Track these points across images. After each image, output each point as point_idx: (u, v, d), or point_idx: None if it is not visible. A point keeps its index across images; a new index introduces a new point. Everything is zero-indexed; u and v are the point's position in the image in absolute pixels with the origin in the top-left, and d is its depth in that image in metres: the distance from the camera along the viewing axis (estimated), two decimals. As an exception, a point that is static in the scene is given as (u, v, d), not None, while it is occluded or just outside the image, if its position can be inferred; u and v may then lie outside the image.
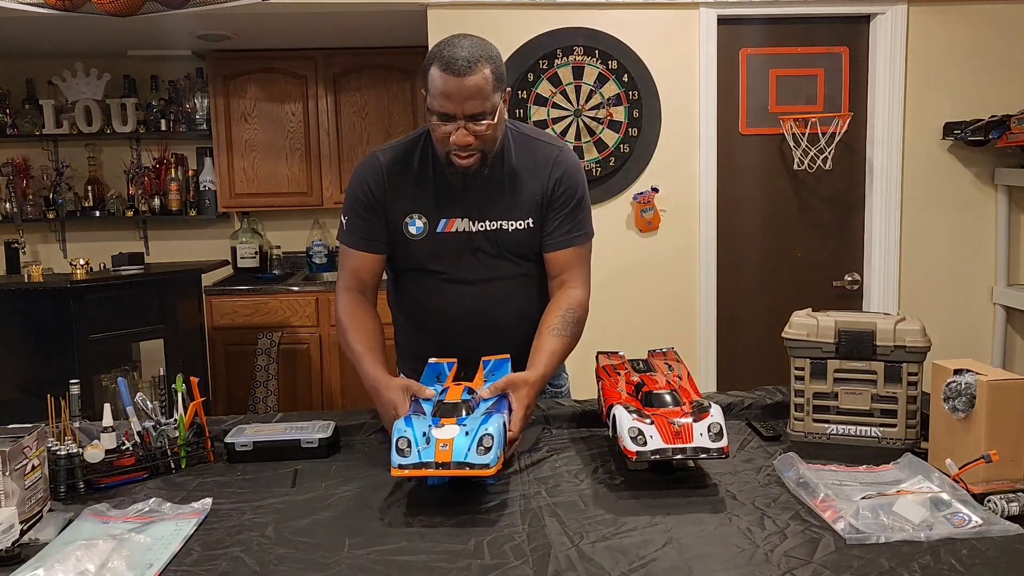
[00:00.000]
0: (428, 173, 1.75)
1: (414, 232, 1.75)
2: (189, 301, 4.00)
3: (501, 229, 1.75)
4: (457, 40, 1.60)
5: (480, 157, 1.65)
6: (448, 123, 1.61)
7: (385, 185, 1.75)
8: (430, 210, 1.74)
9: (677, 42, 3.36)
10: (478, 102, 1.58)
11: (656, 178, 3.40)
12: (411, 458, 1.26)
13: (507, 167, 1.75)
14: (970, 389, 1.33)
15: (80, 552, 1.10)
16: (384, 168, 1.77)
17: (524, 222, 1.76)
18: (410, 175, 1.75)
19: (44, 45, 4.14)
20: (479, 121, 1.60)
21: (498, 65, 1.62)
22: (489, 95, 1.59)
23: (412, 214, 1.74)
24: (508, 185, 1.75)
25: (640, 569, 1.09)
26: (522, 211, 1.76)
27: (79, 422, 1.54)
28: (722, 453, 1.32)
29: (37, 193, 4.54)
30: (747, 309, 3.54)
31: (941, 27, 3.37)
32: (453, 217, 1.74)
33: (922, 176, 3.44)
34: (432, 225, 1.74)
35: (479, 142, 1.63)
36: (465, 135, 1.60)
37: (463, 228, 1.74)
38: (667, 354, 1.73)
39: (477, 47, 1.59)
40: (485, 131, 1.62)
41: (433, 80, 1.59)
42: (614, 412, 1.41)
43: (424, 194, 1.75)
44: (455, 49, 1.57)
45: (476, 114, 1.59)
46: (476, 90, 1.57)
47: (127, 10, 2.80)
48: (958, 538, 1.14)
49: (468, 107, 1.58)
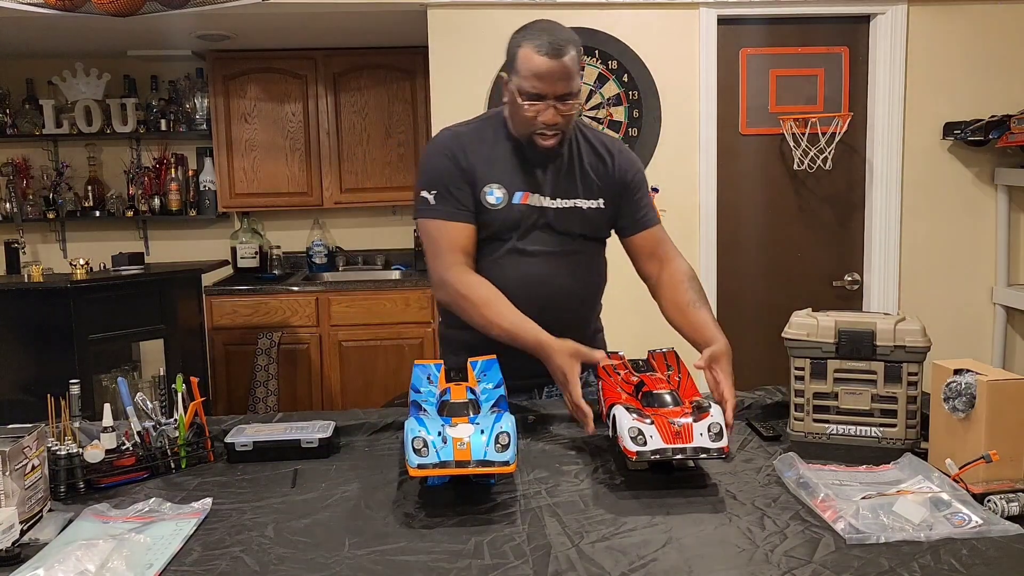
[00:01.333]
0: (503, 148, 1.81)
1: (493, 202, 1.79)
2: (189, 301, 4.00)
3: (577, 207, 1.83)
4: (547, 24, 1.73)
5: (562, 138, 1.75)
6: (538, 103, 1.69)
7: (467, 156, 1.80)
8: (507, 182, 1.79)
9: (677, 42, 3.36)
10: (568, 83, 1.68)
11: (656, 178, 3.39)
12: (429, 458, 1.25)
13: (578, 150, 1.85)
14: (970, 389, 1.33)
15: (80, 552, 1.10)
16: (463, 141, 1.82)
17: (597, 202, 1.85)
18: (487, 148, 1.81)
19: (44, 45, 4.14)
20: (567, 101, 1.69)
21: (580, 47, 1.73)
22: (575, 77, 1.69)
23: (491, 184, 1.79)
24: (578, 167, 1.84)
25: (640, 569, 1.09)
26: (594, 192, 1.84)
27: (79, 422, 1.54)
28: (722, 453, 1.32)
29: (37, 193, 4.54)
30: (747, 309, 3.54)
31: (941, 27, 3.37)
32: (528, 191, 1.80)
33: (922, 176, 3.44)
34: (509, 196, 1.79)
35: (563, 121, 1.71)
36: (554, 114, 1.69)
37: (536, 203, 1.80)
38: (667, 355, 1.73)
39: (565, 31, 1.72)
40: (571, 111, 1.71)
41: (526, 61, 1.68)
42: (614, 412, 1.41)
43: (501, 166, 1.80)
44: (547, 32, 1.69)
45: (565, 94, 1.69)
46: (567, 71, 1.67)
47: (127, 10, 2.80)
48: (958, 538, 1.14)
49: (559, 87, 1.68)
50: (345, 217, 4.81)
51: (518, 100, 1.70)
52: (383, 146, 4.49)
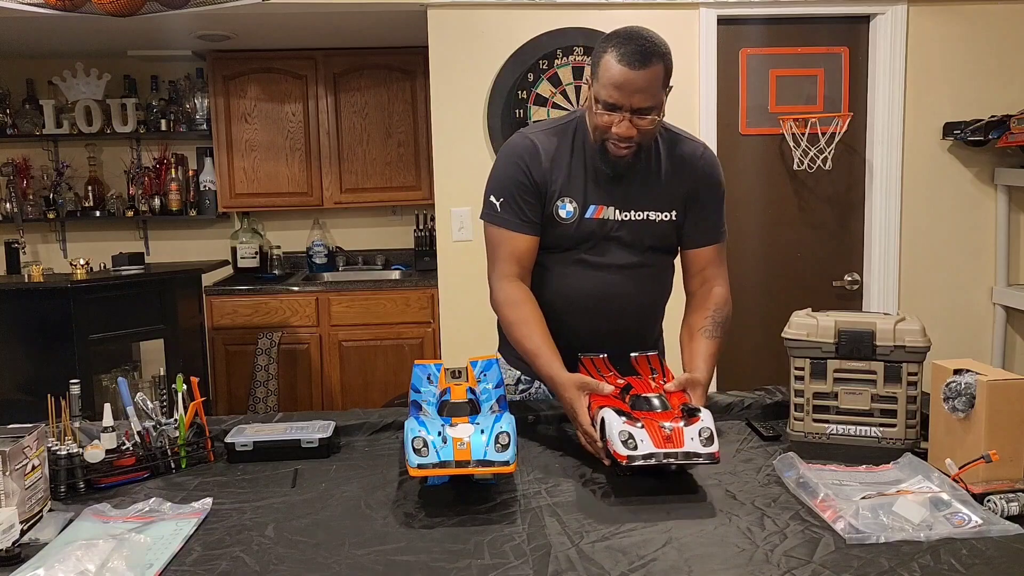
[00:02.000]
0: (581, 158, 1.76)
1: (564, 216, 1.75)
2: (189, 301, 4.00)
3: (648, 220, 1.77)
4: (636, 31, 1.63)
5: (636, 149, 1.68)
6: (613, 113, 1.63)
7: (545, 167, 1.75)
8: (580, 195, 1.75)
9: (677, 42, 3.33)
10: (647, 96, 1.61)
11: (656, 178, 3.40)
12: (430, 458, 1.25)
13: (655, 160, 1.78)
14: (970, 389, 1.33)
15: (80, 552, 1.10)
16: (543, 150, 1.77)
17: (669, 214, 1.79)
18: (564, 158, 1.76)
19: (44, 45, 4.14)
20: (644, 116, 1.63)
21: (669, 63, 1.65)
22: (658, 91, 1.63)
23: (564, 197, 1.75)
24: (655, 177, 1.78)
25: (640, 569, 1.09)
26: (668, 203, 1.78)
27: (79, 422, 1.55)
28: (713, 458, 1.30)
29: (37, 193, 4.54)
30: (747, 309, 3.54)
31: (941, 27, 3.37)
32: (601, 204, 1.75)
33: (922, 176, 3.44)
34: (581, 211, 1.75)
35: (639, 136, 1.65)
36: (629, 127, 1.63)
37: (609, 216, 1.76)
38: (651, 358, 1.70)
39: (655, 43, 1.62)
40: (648, 126, 1.65)
41: (606, 69, 1.61)
42: (602, 415, 1.39)
43: (576, 179, 1.75)
44: (634, 41, 1.60)
45: (643, 108, 1.62)
46: (647, 85, 1.60)
47: (127, 10, 2.79)
48: (958, 538, 1.14)
49: (636, 100, 1.61)
50: (345, 217, 4.82)
51: (595, 107, 1.66)
52: (383, 146, 4.49)
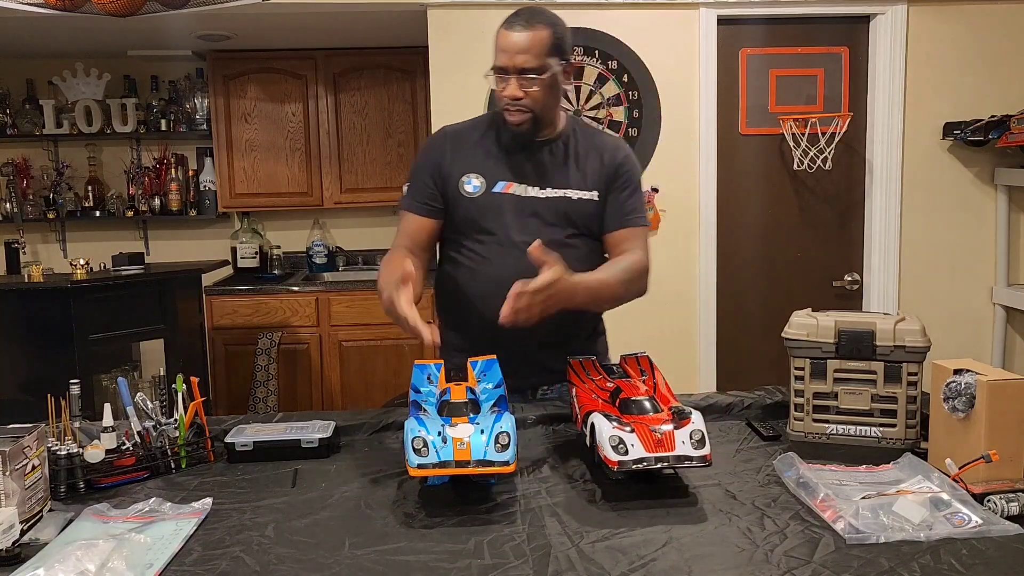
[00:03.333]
0: (492, 140, 1.87)
1: (470, 190, 1.83)
2: (189, 301, 4.00)
3: (566, 197, 1.84)
4: (529, 5, 1.79)
5: (530, 118, 1.77)
6: (503, 78, 1.75)
7: (447, 149, 1.87)
8: (488, 171, 1.84)
9: (677, 42, 3.36)
10: (528, 57, 1.72)
11: (656, 178, 3.40)
12: (429, 458, 1.25)
13: (571, 146, 1.87)
14: (970, 389, 1.33)
15: (80, 552, 1.10)
16: (448, 136, 1.91)
17: (590, 193, 1.85)
18: (473, 141, 1.88)
19: (44, 45, 4.14)
20: (527, 76, 1.73)
21: (559, 33, 1.75)
22: (540, 55, 1.72)
23: (469, 173, 1.84)
24: (572, 160, 1.87)
25: (640, 569, 1.09)
26: (588, 183, 1.86)
27: (79, 422, 1.54)
28: (704, 461, 1.28)
29: (37, 193, 4.54)
30: (747, 309, 3.54)
31: (941, 27, 3.38)
32: (511, 181, 1.84)
33: (922, 176, 3.44)
34: (489, 185, 1.83)
35: (529, 99, 1.75)
36: (516, 88, 1.74)
37: (521, 192, 1.83)
38: (640, 360, 1.67)
39: (540, 11, 1.76)
40: (533, 89, 1.74)
41: (496, 38, 1.75)
42: (592, 420, 1.37)
43: (484, 157, 1.86)
44: (523, 10, 1.75)
45: (527, 69, 1.72)
46: (528, 46, 1.71)
47: (127, 10, 2.79)
48: (958, 538, 1.14)
49: (519, 60, 1.72)
50: (345, 217, 4.81)
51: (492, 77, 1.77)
52: (383, 146, 4.49)
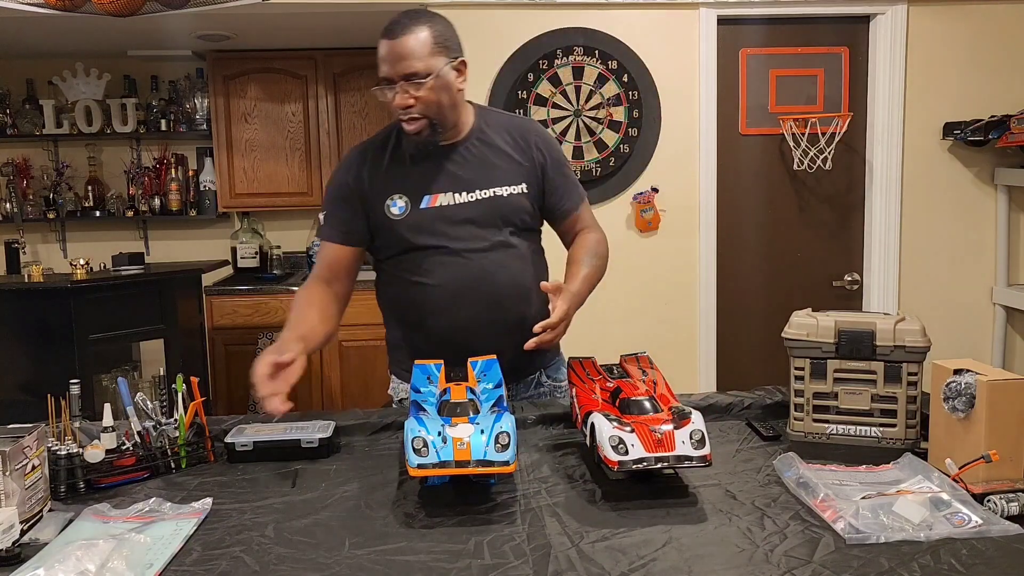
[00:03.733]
0: (402, 158, 1.80)
1: (396, 212, 1.78)
2: (189, 301, 4.00)
3: (496, 196, 1.80)
4: (406, 10, 1.70)
5: (427, 124, 1.70)
6: (389, 89, 1.67)
7: (363, 175, 1.80)
8: (411, 190, 1.78)
9: (677, 42, 3.36)
10: (410, 63, 1.65)
11: (656, 178, 3.40)
12: (429, 458, 1.25)
13: (487, 140, 1.82)
14: (970, 389, 1.33)
15: (80, 552, 1.10)
16: (359, 159, 1.82)
17: (518, 187, 1.82)
18: (385, 160, 1.81)
19: (44, 45, 4.14)
20: (415, 81, 1.66)
21: (441, 31, 1.69)
22: (423, 57, 1.65)
23: (392, 195, 1.78)
24: (492, 156, 1.81)
25: (640, 569, 1.09)
26: (514, 177, 1.82)
27: (79, 422, 1.55)
28: (705, 461, 1.28)
29: (37, 193, 4.54)
30: (747, 309, 3.55)
31: (941, 27, 3.38)
32: (436, 193, 1.78)
33: (922, 176, 3.44)
34: (414, 203, 1.78)
35: (420, 105, 1.68)
36: (404, 96, 1.66)
37: (448, 202, 1.78)
38: (640, 359, 1.68)
39: (416, 13, 1.69)
40: (422, 94, 1.66)
41: (377, 49, 1.68)
42: (592, 420, 1.38)
43: (403, 176, 1.79)
44: (399, 16, 1.68)
45: (411, 74, 1.65)
46: (408, 51, 1.64)
47: (127, 10, 2.80)
48: (958, 538, 1.14)
49: (401, 67, 1.65)
50: (345, 217, 4.81)
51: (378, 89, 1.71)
52: (383, 146, 4.49)
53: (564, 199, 1.90)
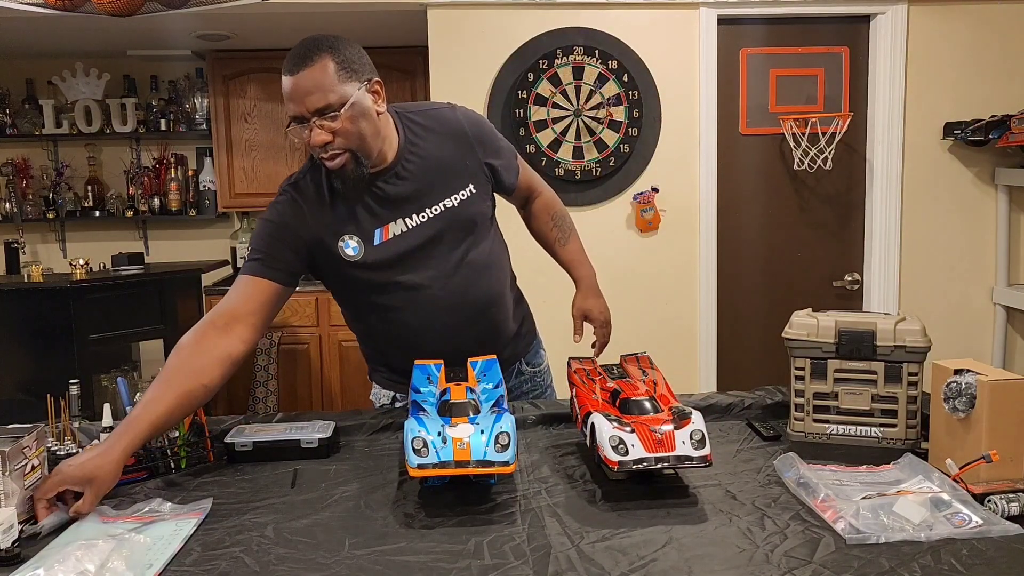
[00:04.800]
0: (338, 195, 1.65)
1: (351, 253, 1.65)
2: (189, 301, 4.00)
3: (448, 208, 1.68)
4: (304, 40, 1.53)
5: (350, 157, 1.56)
6: (302, 126, 1.53)
7: (304, 215, 1.65)
8: (359, 227, 1.65)
9: (677, 42, 3.36)
10: (320, 95, 1.50)
11: (656, 178, 3.40)
12: (429, 458, 1.25)
13: (418, 155, 1.68)
14: (970, 389, 1.33)
15: (80, 552, 1.10)
16: (296, 197, 1.67)
17: (466, 191, 1.71)
18: (325, 199, 1.65)
19: (44, 45, 4.14)
20: (328, 115, 1.51)
21: (345, 56, 1.53)
22: (332, 87, 1.50)
23: (343, 236, 1.64)
24: (429, 169, 1.68)
25: (640, 569, 1.08)
26: (458, 183, 1.70)
27: (79, 422, 1.55)
28: (705, 461, 1.28)
29: (37, 193, 4.54)
30: (747, 309, 3.55)
31: (941, 27, 3.38)
32: (386, 224, 1.65)
33: (922, 176, 3.44)
34: (366, 240, 1.65)
35: (340, 139, 1.54)
36: (320, 133, 1.52)
37: (401, 230, 1.66)
38: (640, 359, 1.68)
39: (314, 42, 1.52)
40: (339, 126, 1.52)
41: (282, 88, 1.53)
42: (592, 420, 1.38)
43: (347, 214, 1.64)
44: (297, 47, 1.52)
45: (322, 108, 1.51)
46: (313, 84, 1.49)
47: (127, 10, 2.80)
48: (958, 538, 1.14)
49: (311, 102, 1.50)
50: (345, 217, 4.81)
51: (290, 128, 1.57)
52: (383, 146, 4.49)
53: (508, 174, 1.81)
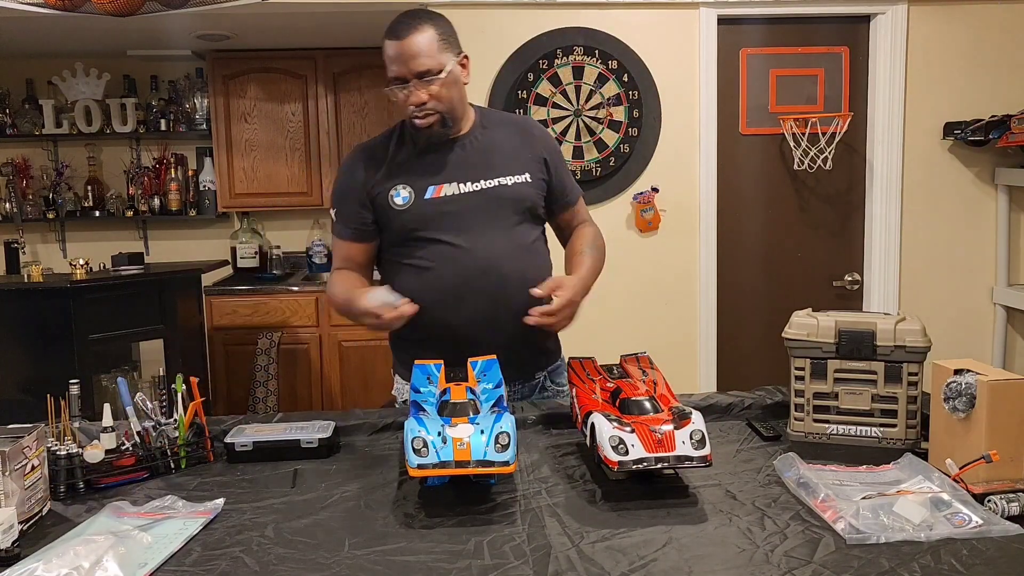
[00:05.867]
0: (407, 151, 1.85)
1: (400, 202, 1.81)
2: (189, 301, 4.00)
3: (502, 185, 1.84)
4: (406, 11, 1.77)
5: (439, 119, 1.77)
6: (402, 87, 1.74)
7: (367, 170, 1.85)
8: (415, 181, 1.82)
9: (677, 42, 3.36)
10: (423, 60, 1.71)
11: (656, 178, 3.40)
12: (429, 458, 1.25)
13: (488, 134, 1.88)
14: (970, 389, 1.33)
15: (79, 548, 1.10)
16: (363, 154, 1.89)
17: (522, 177, 1.86)
18: (389, 154, 1.86)
19: (44, 45, 4.14)
20: (427, 79, 1.72)
21: (444, 29, 1.77)
22: (433, 54, 1.72)
23: (396, 186, 1.82)
24: (495, 148, 1.87)
25: (640, 569, 1.08)
26: (517, 167, 1.86)
27: (79, 422, 1.54)
28: (705, 461, 1.28)
29: (37, 193, 4.53)
30: (747, 309, 3.54)
31: (941, 27, 3.38)
32: (440, 183, 1.82)
33: (922, 176, 3.44)
34: (419, 193, 1.81)
35: (434, 101, 1.74)
36: (418, 94, 1.73)
37: (453, 192, 1.82)
38: (640, 359, 1.68)
39: (419, 13, 1.76)
40: (436, 90, 1.73)
41: (384, 51, 1.75)
42: (592, 420, 1.38)
43: (407, 168, 1.84)
44: (401, 17, 1.75)
45: (423, 72, 1.72)
46: (419, 49, 1.71)
47: (127, 10, 2.80)
48: (958, 538, 1.14)
49: (414, 66, 1.71)
50: (345, 217, 4.81)
51: (391, 90, 1.77)
52: (383, 146, 4.49)
53: (567, 192, 1.97)
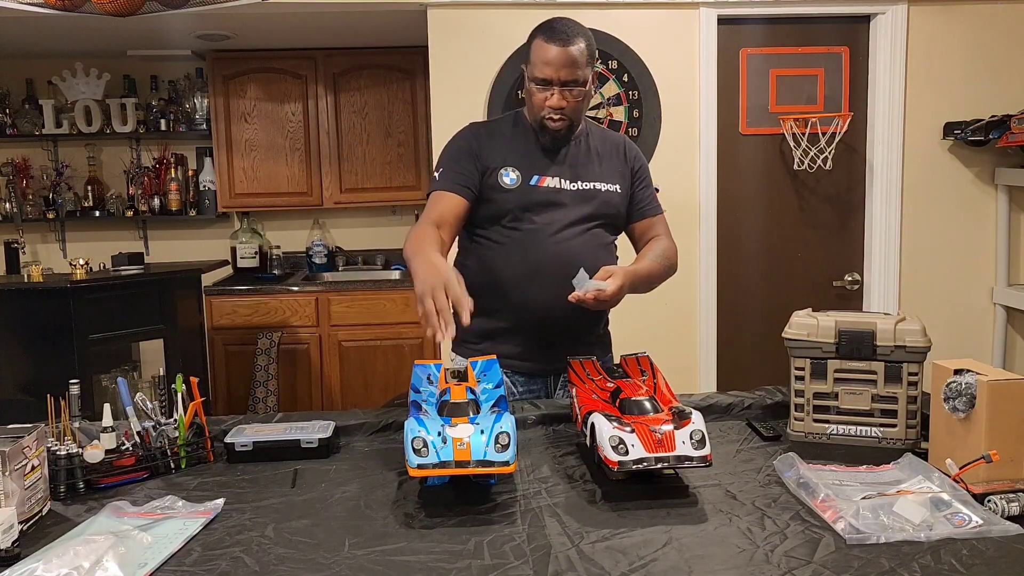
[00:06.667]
0: (521, 138, 1.98)
1: (508, 182, 1.92)
2: (189, 301, 4.00)
3: (596, 189, 1.97)
4: (560, 19, 1.89)
5: (568, 124, 1.91)
6: (545, 89, 1.86)
7: (484, 142, 1.96)
8: (524, 167, 1.94)
9: (677, 42, 3.36)
10: (572, 70, 1.84)
11: (656, 178, 3.36)
12: (429, 458, 1.25)
13: (591, 143, 2.01)
14: (970, 389, 1.33)
15: (80, 548, 1.10)
16: (481, 128, 2.03)
17: (614, 186, 2.00)
18: (505, 138, 1.98)
19: (44, 45, 4.14)
20: (571, 88, 1.85)
21: (592, 44, 1.88)
22: (582, 67, 1.85)
23: (507, 167, 1.93)
24: (594, 156, 2.00)
25: (640, 569, 1.08)
26: (610, 177, 2.00)
27: (79, 422, 1.55)
28: (705, 461, 1.29)
29: (37, 193, 4.54)
30: (747, 309, 3.54)
31: (941, 27, 3.37)
32: (545, 175, 1.94)
33: (922, 176, 3.44)
34: (525, 178, 1.93)
35: (570, 108, 1.88)
36: (560, 99, 1.86)
37: (555, 185, 1.94)
38: (640, 360, 1.68)
39: (577, 25, 1.88)
40: (576, 99, 1.87)
41: (536, 49, 1.86)
42: (592, 420, 1.38)
43: (519, 152, 1.95)
44: (558, 24, 1.86)
45: (570, 81, 1.84)
46: (572, 59, 1.83)
47: (127, 10, 2.80)
48: (958, 538, 1.14)
49: (564, 74, 1.84)
50: (345, 217, 4.81)
51: (531, 87, 1.88)
52: (383, 146, 4.49)
53: (648, 205, 2.08)
